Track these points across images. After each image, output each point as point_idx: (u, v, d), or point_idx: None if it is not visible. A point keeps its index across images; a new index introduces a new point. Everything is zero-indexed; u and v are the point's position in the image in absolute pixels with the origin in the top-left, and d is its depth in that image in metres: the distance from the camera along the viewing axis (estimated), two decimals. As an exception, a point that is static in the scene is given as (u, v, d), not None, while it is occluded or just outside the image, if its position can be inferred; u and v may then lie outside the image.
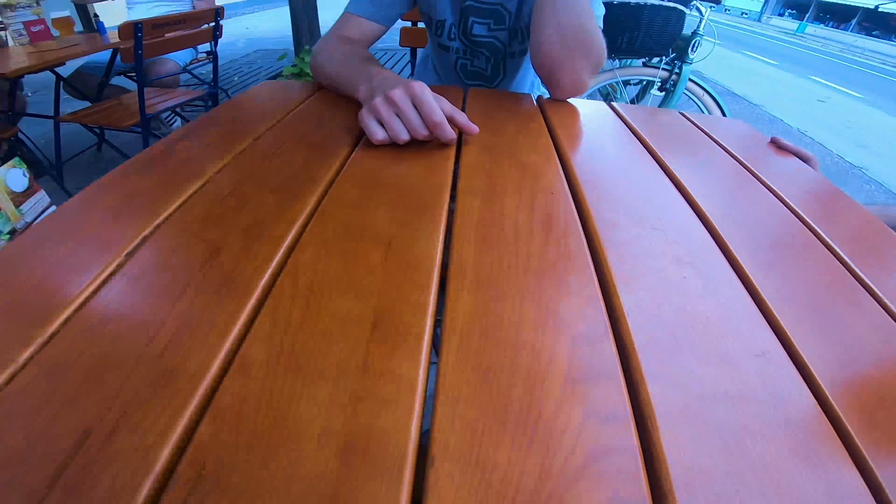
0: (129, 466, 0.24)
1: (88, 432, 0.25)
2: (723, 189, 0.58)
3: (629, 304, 0.36)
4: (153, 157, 0.55)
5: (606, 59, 1.15)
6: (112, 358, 0.29)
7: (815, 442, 0.28)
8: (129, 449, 0.25)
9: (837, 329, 0.37)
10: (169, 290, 0.35)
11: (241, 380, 0.28)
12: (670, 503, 0.24)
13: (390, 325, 0.33)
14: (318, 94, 0.79)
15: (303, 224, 0.43)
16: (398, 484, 0.24)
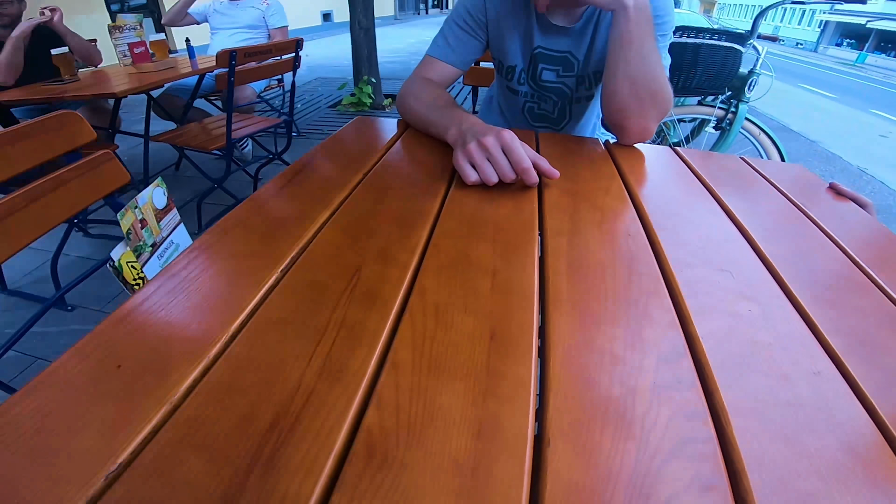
0: (314, 445, 0.31)
1: (278, 418, 0.33)
2: (782, 232, 0.63)
3: (703, 331, 0.43)
4: (284, 185, 0.65)
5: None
6: (288, 356, 0.38)
7: (859, 439, 0.34)
8: (313, 431, 0.32)
9: (885, 354, 0.42)
10: (324, 300, 0.44)
11: (395, 376, 0.36)
12: (743, 479, 0.31)
13: (504, 337, 0.40)
14: (407, 134, 0.88)
15: (421, 252, 0.51)
16: (521, 459, 0.31)
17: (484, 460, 0.31)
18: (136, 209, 0.71)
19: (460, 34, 1.00)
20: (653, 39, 0.83)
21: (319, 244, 0.52)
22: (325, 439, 0.32)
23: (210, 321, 0.41)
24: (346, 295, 0.44)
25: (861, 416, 0.36)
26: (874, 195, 3.86)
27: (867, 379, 0.39)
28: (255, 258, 0.50)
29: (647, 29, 0.83)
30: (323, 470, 0.30)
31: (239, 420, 0.33)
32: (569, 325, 0.42)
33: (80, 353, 0.38)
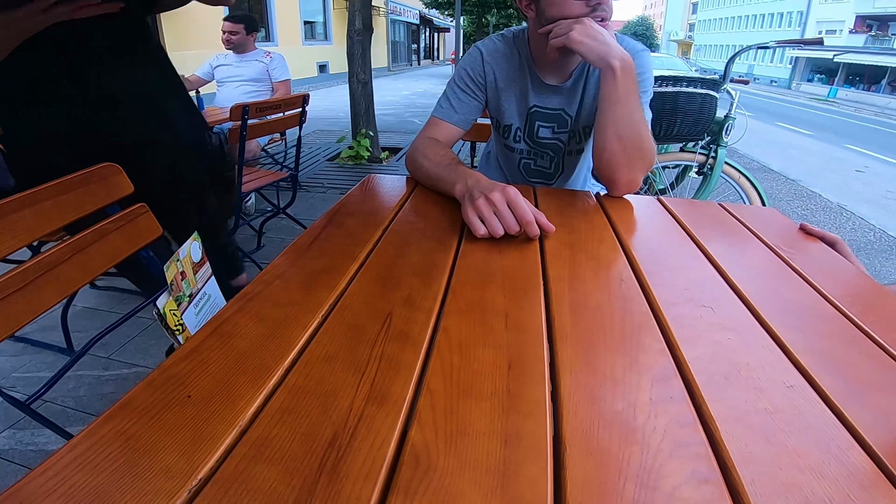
0: (369, 456, 0.38)
1: (336, 435, 0.40)
2: (756, 271, 0.72)
3: (689, 355, 0.51)
4: (312, 241, 0.74)
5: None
6: (338, 385, 0.45)
7: (830, 433, 0.42)
8: (367, 445, 0.39)
9: (849, 368, 0.51)
10: (364, 339, 0.51)
11: (430, 399, 0.43)
12: (733, 474, 0.38)
13: (519, 366, 0.48)
14: (417, 191, 0.98)
15: (441, 299, 0.59)
16: (544, 462, 0.38)
17: (511, 464, 0.38)
18: (177, 262, 0.78)
19: (462, 96, 1.10)
20: (638, 97, 0.93)
21: (353, 293, 0.60)
22: (378, 451, 0.38)
23: (266, 357, 0.49)
24: (382, 335, 0.52)
25: (831, 420, 0.44)
26: (854, 231, 3.99)
27: (835, 389, 0.47)
28: (298, 305, 0.57)
29: (633, 87, 0.92)
30: (379, 476, 0.36)
31: (302, 438, 0.40)
32: (574, 355, 0.50)
33: (152, 385, 0.45)
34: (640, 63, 1.01)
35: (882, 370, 0.51)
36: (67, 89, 1.16)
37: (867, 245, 3.73)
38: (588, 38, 0.90)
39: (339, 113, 7.60)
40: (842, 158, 7.48)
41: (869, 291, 0.69)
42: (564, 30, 0.92)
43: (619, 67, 0.90)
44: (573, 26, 0.91)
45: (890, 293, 0.68)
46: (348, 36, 4.40)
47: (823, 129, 11.23)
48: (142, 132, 1.27)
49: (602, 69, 0.92)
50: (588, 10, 0.93)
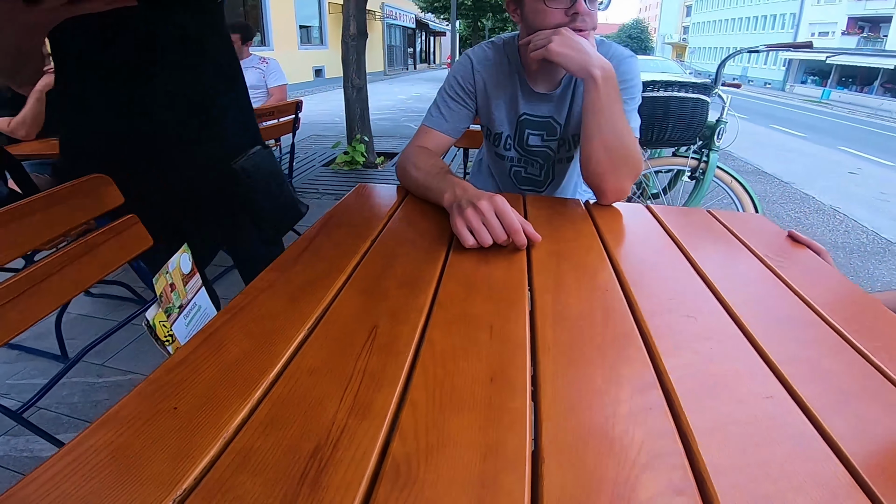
0: (350, 468, 0.39)
1: (319, 447, 0.40)
2: (742, 280, 0.72)
3: (670, 365, 0.51)
4: (300, 252, 0.74)
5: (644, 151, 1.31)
6: (322, 397, 0.46)
7: (808, 444, 0.42)
8: (348, 457, 0.40)
9: (831, 378, 0.51)
10: (349, 352, 0.52)
11: (413, 412, 0.44)
12: (708, 485, 0.38)
13: (502, 379, 0.48)
14: (407, 201, 0.98)
15: (427, 312, 0.60)
16: (522, 474, 0.38)
17: (490, 477, 0.38)
18: (167, 274, 0.79)
19: (452, 104, 1.11)
20: (621, 106, 0.94)
21: (339, 305, 0.61)
22: (359, 463, 0.39)
23: (251, 369, 0.49)
24: (367, 348, 0.52)
25: (809, 431, 0.44)
26: (847, 234, 4.01)
27: (814, 399, 0.48)
28: (284, 318, 0.58)
29: (615, 96, 0.93)
30: (359, 488, 0.37)
31: (285, 449, 0.40)
32: (556, 366, 0.51)
33: (140, 396, 0.46)
34: (626, 69, 1.03)
35: (863, 379, 0.52)
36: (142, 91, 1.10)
37: (860, 247, 3.75)
38: (567, 49, 0.91)
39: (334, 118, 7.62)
40: (835, 160, 7.52)
41: (854, 301, 0.70)
42: (543, 41, 0.93)
43: (599, 77, 0.91)
44: (552, 38, 0.92)
45: (875, 302, 0.69)
46: (343, 41, 4.41)
47: (817, 131, 11.30)
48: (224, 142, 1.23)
49: (583, 79, 0.93)
50: (567, 20, 0.94)
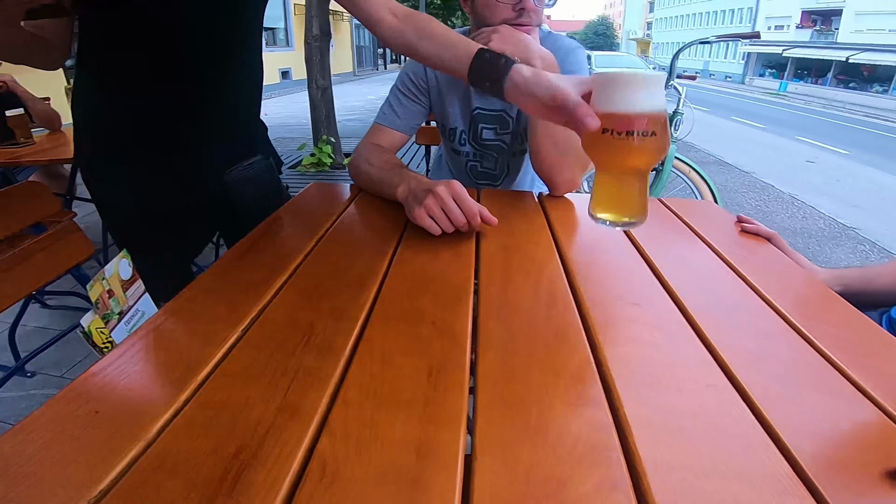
0: (274, 468, 0.37)
1: (241, 448, 0.39)
2: (689, 268, 0.73)
3: (611, 356, 0.51)
4: (244, 253, 0.72)
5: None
6: (250, 398, 0.44)
7: (748, 435, 0.42)
8: (272, 458, 0.38)
9: (774, 366, 0.51)
10: (282, 352, 0.50)
11: (345, 410, 0.43)
12: (643, 481, 0.37)
13: (440, 374, 0.47)
14: (360, 198, 0.97)
15: (370, 307, 0.58)
16: (454, 473, 0.37)
17: (422, 475, 0.37)
18: (103, 280, 0.76)
19: (404, 101, 1.10)
20: None
21: (277, 305, 0.59)
22: (283, 463, 0.38)
23: (179, 373, 0.48)
24: (302, 347, 0.51)
25: (750, 421, 0.43)
26: (805, 220, 4.14)
27: (756, 388, 0.47)
28: (219, 320, 0.56)
29: None
30: (281, 488, 0.36)
31: (208, 451, 0.39)
32: (496, 360, 0.50)
33: (61, 402, 0.44)
34: (574, 60, 1.03)
35: (806, 366, 0.51)
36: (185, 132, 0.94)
37: (818, 232, 3.88)
38: (506, 45, 0.92)
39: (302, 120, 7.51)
40: (793, 150, 7.77)
41: (802, 286, 0.71)
42: (484, 39, 0.94)
43: (540, 67, 0.90)
44: (491, 35, 0.93)
45: (822, 287, 0.70)
46: (305, 42, 4.36)
47: (775, 123, 11.65)
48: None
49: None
50: (514, 16, 0.96)
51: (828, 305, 0.66)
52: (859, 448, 0.41)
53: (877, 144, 9.30)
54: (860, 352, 0.54)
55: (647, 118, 0.52)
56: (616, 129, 0.52)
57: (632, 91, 0.52)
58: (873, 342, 0.57)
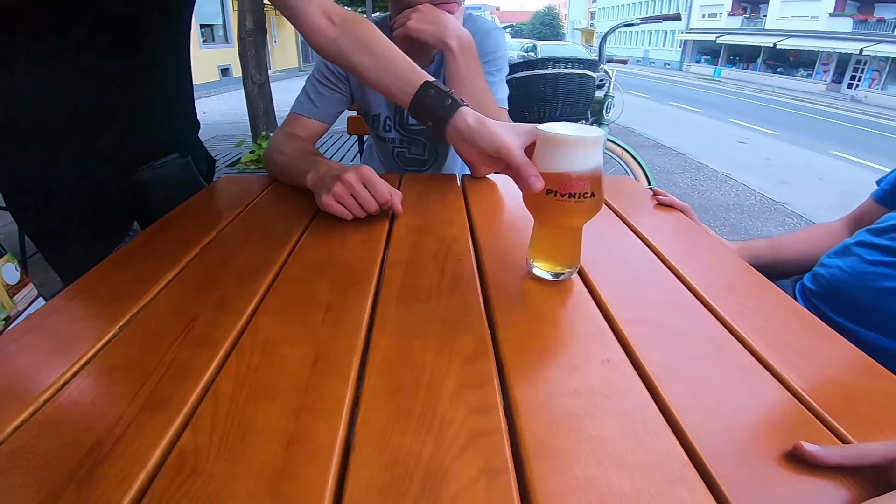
0: (129, 463, 0.35)
1: (98, 444, 0.36)
2: (598, 239, 0.71)
3: (507, 334, 0.49)
4: (137, 248, 0.67)
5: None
6: (115, 395, 0.41)
7: (640, 415, 0.40)
8: (129, 452, 0.36)
9: (674, 340, 0.50)
10: (157, 347, 0.47)
11: (214, 403, 0.40)
12: (526, 469, 0.35)
13: (327, 361, 0.45)
14: (272, 188, 0.93)
15: (261, 297, 0.55)
16: (328, 464, 0.35)
17: (291, 466, 0.35)
18: (-18, 287, 0.70)
19: (322, 89, 1.06)
20: (482, 77, 0.93)
21: (161, 300, 0.55)
22: (140, 457, 0.35)
23: (44, 373, 0.44)
24: (179, 340, 0.47)
25: (644, 399, 0.41)
26: (738, 196, 4.34)
27: (654, 363, 0.46)
28: (96, 318, 0.52)
29: (476, 67, 0.92)
30: (135, 482, 0.33)
31: (62, 448, 0.36)
32: (389, 343, 0.48)
33: None
34: (492, 42, 1.03)
35: (711, 342, 0.50)
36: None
37: (749, 207, 4.07)
38: (424, 24, 0.91)
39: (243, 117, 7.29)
40: (727, 132, 8.14)
41: (713, 256, 0.72)
42: (403, 20, 0.92)
43: (456, 46, 0.90)
44: (410, 15, 0.92)
45: (737, 260, 0.70)
46: (239, 38, 4.24)
47: (710, 107, 12.16)
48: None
49: (442, 51, 0.92)
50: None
51: (736, 275, 0.66)
52: (761, 428, 0.40)
53: (802, 125, 9.88)
54: (766, 323, 0.54)
55: (588, 180, 0.53)
56: (559, 191, 0.53)
57: (574, 153, 0.53)
58: (780, 312, 0.57)
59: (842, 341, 0.51)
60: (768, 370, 0.46)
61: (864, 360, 0.48)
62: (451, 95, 0.67)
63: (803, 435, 0.38)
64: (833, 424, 0.39)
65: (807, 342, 0.51)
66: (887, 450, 0.34)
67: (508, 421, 0.40)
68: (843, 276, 0.77)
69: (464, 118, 0.64)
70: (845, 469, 0.35)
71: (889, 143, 8.64)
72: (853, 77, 22.28)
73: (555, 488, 0.33)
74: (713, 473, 0.35)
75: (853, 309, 0.74)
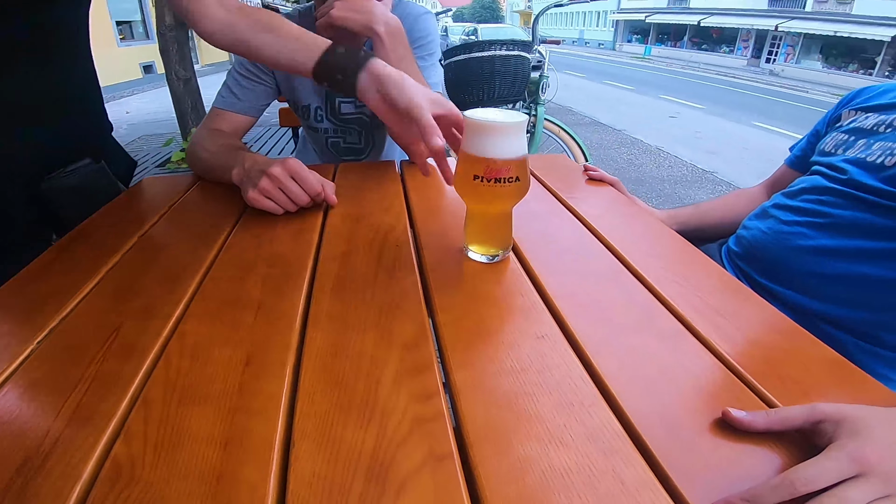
0: (61, 478, 0.33)
1: (26, 462, 0.35)
2: (531, 216, 0.73)
3: (445, 318, 0.49)
4: (53, 259, 0.64)
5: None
6: (37, 412, 0.39)
7: (576, 390, 0.41)
8: (60, 467, 0.34)
9: (606, 315, 0.51)
10: (79, 360, 0.44)
11: (145, 411, 0.39)
12: (470, 452, 0.35)
13: (260, 360, 0.44)
14: (197, 186, 0.89)
15: (187, 301, 0.53)
16: (268, 462, 0.34)
17: (230, 468, 0.34)
18: None
19: (245, 82, 1.02)
20: (413, 61, 0.92)
21: (81, 312, 0.52)
22: (73, 471, 0.34)
23: None
24: (102, 352, 0.45)
25: (578, 373, 0.42)
26: (671, 168, 4.53)
27: (587, 337, 0.47)
28: (9, 336, 0.49)
29: (405, 52, 0.91)
30: (71, 495, 0.32)
31: None
32: (325, 338, 0.47)
33: None
34: (422, 27, 1.02)
35: (641, 312, 0.51)
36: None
37: (682, 178, 4.26)
38: (348, 12, 0.88)
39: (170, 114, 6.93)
40: (658, 108, 8.45)
41: (641, 226, 0.74)
42: (327, 9, 0.89)
43: (384, 32, 0.88)
44: (334, 3, 0.88)
45: (660, 225, 0.73)
46: (159, 33, 4.03)
47: (642, 84, 12.57)
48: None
49: (370, 38, 0.90)
50: None
51: (663, 244, 0.68)
52: (692, 395, 0.41)
53: (727, 99, 10.39)
54: (692, 289, 0.55)
55: (513, 165, 0.55)
56: (486, 177, 0.55)
57: (500, 140, 0.55)
58: (705, 278, 0.59)
59: (765, 304, 0.54)
60: (696, 336, 0.48)
61: (787, 323, 0.51)
62: (365, 51, 0.67)
63: (732, 401, 0.40)
64: (759, 389, 0.41)
65: (731, 306, 0.53)
66: (808, 413, 0.36)
67: (452, 404, 0.40)
68: (762, 237, 0.82)
69: (380, 64, 0.65)
70: (773, 434, 0.36)
71: (804, 113, 9.20)
72: (770, 52, 23.52)
73: (499, 470, 0.34)
74: (648, 445, 0.36)
75: (774, 269, 0.79)
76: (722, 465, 0.35)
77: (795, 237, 0.76)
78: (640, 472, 0.34)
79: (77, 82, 0.92)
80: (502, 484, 0.33)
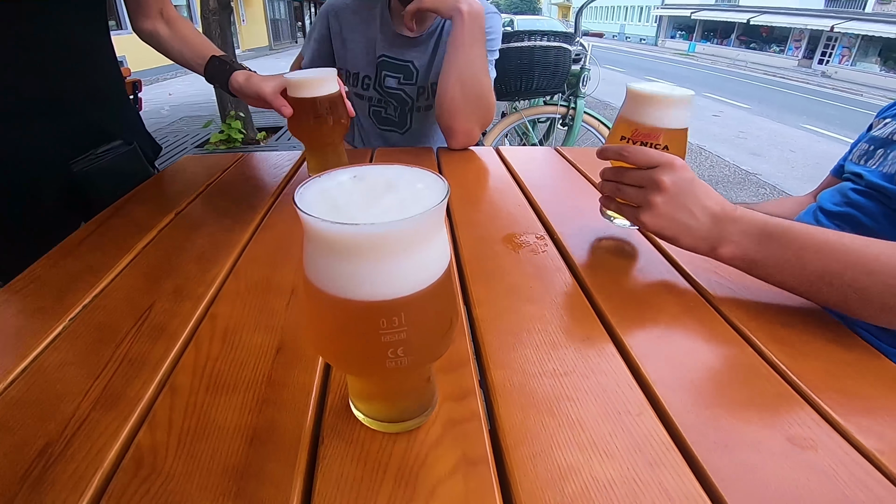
0: (83, 464, 0.32)
1: (49, 445, 0.34)
2: (575, 212, 0.70)
3: (485, 313, 0.47)
4: (88, 235, 0.63)
5: (517, 102, 1.23)
6: (65, 392, 0.38)
7: (623, 395, 0.38)
8: (83, 452, 0.33)
9: (653, 318, 0.48)
10: (110, 339, 0.44)
11: (171, 397, 0.37)
12: (506, 457, 0.33)
13: (292, 349, 0.42)
14: (236, 165, 0.88)
15: (220, 282, 0.52)
16: (293, 459, 0.33)
17: (255, 463, 0.32)
18: None
19: (313, 44, 1.15)
20: (482, 47, 0.95)
21: (113, 290, 0.52)
22: (95, 457, 0.33)
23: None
24: (133, 332, 0.44)
25: (625, 378, 0.39)
26: (713, 168, 4.38)
27: (634, 339, 0.44)
28: (44, 312, 0.48)
29: (479, 36, 0.94)
30: (91, 483, 0.31)
31: (9, 450, 0.34)
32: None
33: None
34: (490, 24, 1.03)
35: (688, 314, 0.48)
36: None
37: (724, 178, 4.12)
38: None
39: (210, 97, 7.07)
40: (701, 105, 8.18)
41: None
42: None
43: (466, 11, 0.92)
44: None
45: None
46: (202, 17, 4.10)
47: (685, 81, 12.19)
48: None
49: (452, 17, 0.94)
50: None
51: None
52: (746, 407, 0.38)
53: (774, 99, 10.00)
54: (748, 293, 0.52)
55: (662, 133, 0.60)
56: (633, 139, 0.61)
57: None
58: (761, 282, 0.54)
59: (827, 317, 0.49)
60: (750, 345, 0.44)
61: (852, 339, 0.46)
62: (229, 63, 0.86)
63: (787, 415, 0.37)
64: (818, 402, 0.38)
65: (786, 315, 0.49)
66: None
67: (487, 404, 0.37)
68: None
69: (237, 77, 0.83)
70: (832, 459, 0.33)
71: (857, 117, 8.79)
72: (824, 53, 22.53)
73: (536, 477, 0.31)
74: (697, 457, 0.33)
75: None
76: (776, 483, 0.32)
77: None
78: (687, 486, 0.31)
79: (101, 73, 0.92)
80: (539, 492, 0.31)
